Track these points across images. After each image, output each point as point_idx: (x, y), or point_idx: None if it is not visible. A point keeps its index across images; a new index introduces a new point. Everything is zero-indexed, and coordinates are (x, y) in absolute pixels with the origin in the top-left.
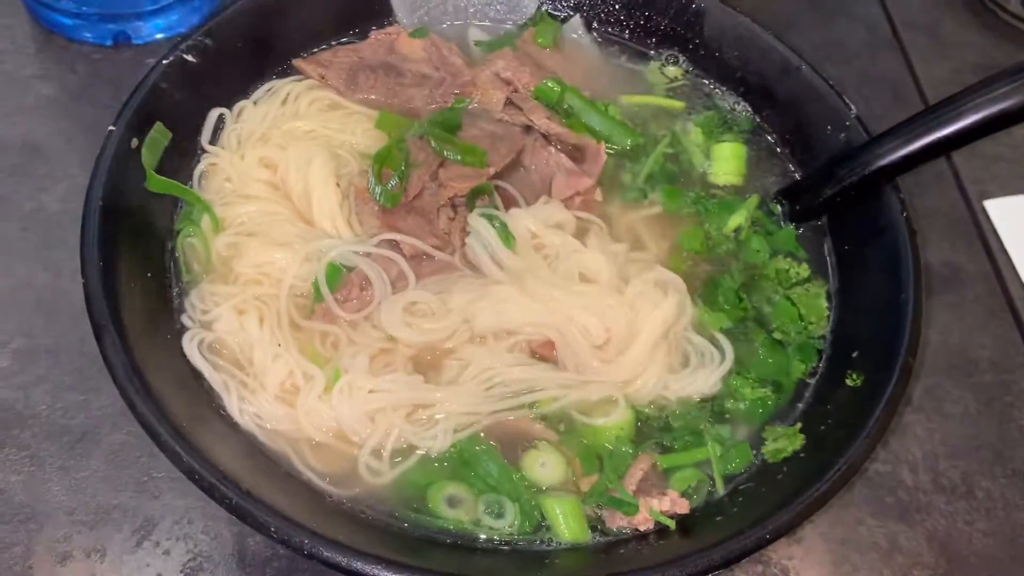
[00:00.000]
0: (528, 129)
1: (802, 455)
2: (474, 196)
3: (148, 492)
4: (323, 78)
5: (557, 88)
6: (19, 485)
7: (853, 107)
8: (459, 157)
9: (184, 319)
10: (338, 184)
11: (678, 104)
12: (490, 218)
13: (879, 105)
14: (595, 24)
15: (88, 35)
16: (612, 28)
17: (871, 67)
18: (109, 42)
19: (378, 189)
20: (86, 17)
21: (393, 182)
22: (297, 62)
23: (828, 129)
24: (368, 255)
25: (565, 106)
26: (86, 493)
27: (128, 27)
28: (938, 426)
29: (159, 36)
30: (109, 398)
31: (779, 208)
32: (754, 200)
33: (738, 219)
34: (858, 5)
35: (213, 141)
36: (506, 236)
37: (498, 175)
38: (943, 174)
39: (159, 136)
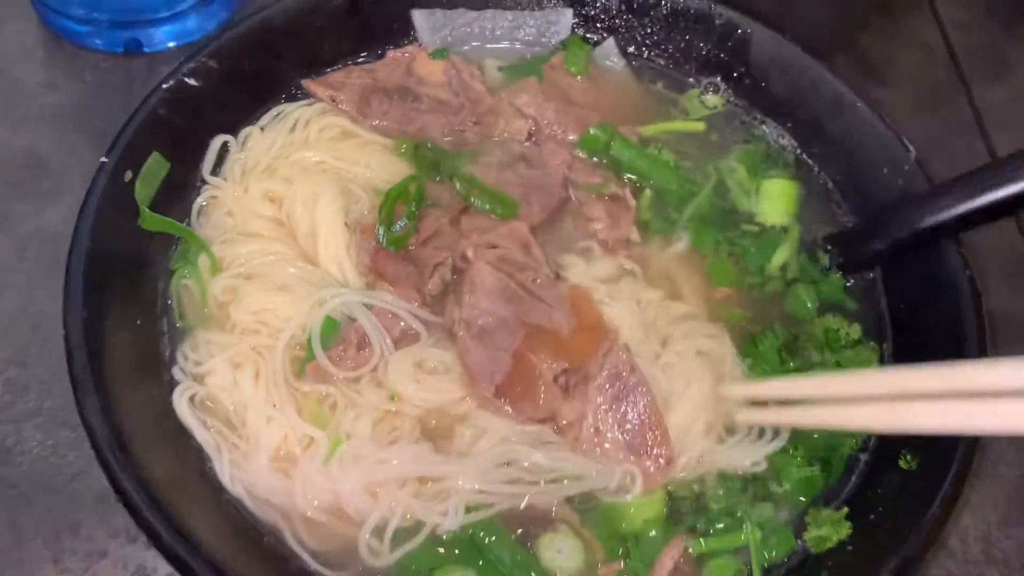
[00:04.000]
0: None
1: (849, 547)
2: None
3: (141, 540)
4: (334, 101)
5: (603, 136)
6: (5, 528)
7: (912, 149)
8: (487, 206)
9: (176, 371)
10: (347, 224)
11: (698, 125)
12: None
13: (932, 130)
14: (631, 49)
15: (99, 42)
16: (649, 53)
17: (925, 89)
18: (120, 49)
19: (381, 229)
20: (97, 24)
21: (402, 222)
22: (307, 83)
23: (884, 172)
24: (371, 307)
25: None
26: (76, 539)
27: (140, 34)
28: (991, 490)
29: (172, 44)
30: None
31: (825, 257)
32: (795, 231)
33: (783, 254)
34: (913, 23)
35: (216, 171)
36: None
37: None
38: None
39: (156, 167)
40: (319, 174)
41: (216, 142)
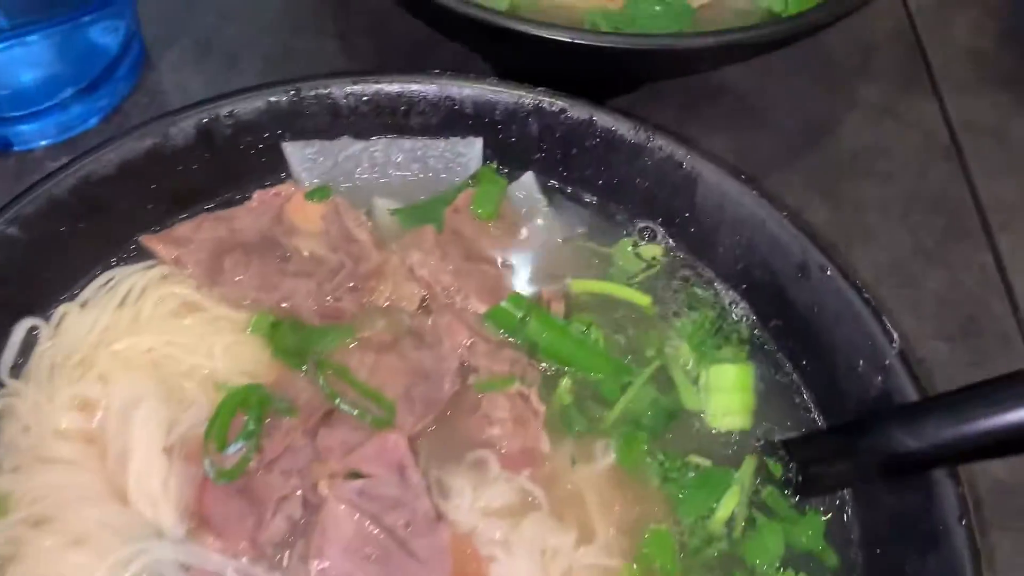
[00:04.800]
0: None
1: None
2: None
3: None
4: (178, 262)
5: (517, 311)
6: None
7: (896, 337)
8: (355, 410)
9: None
10: (166, 449)
11: (642, 298)
12: None
13: (929, 235)
14: (553, 183)
15: None
16: (575, 189)
17: (921, 182)
18: None
19: (207, 461)
20: None
21: (238, 445)
22: (146, 240)
23: (860, 365)
24: (188, 568)
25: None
26: None
27: (8, 131)
28: None
29: (44, 143)
30: None
31: (799, 478)
32: (749, 466)
33: (730, 504)
34: (911, 103)
35: (17, 369)
36: None
37: None
38: None
39: None
40: (146, 369)
41: (19, 330)
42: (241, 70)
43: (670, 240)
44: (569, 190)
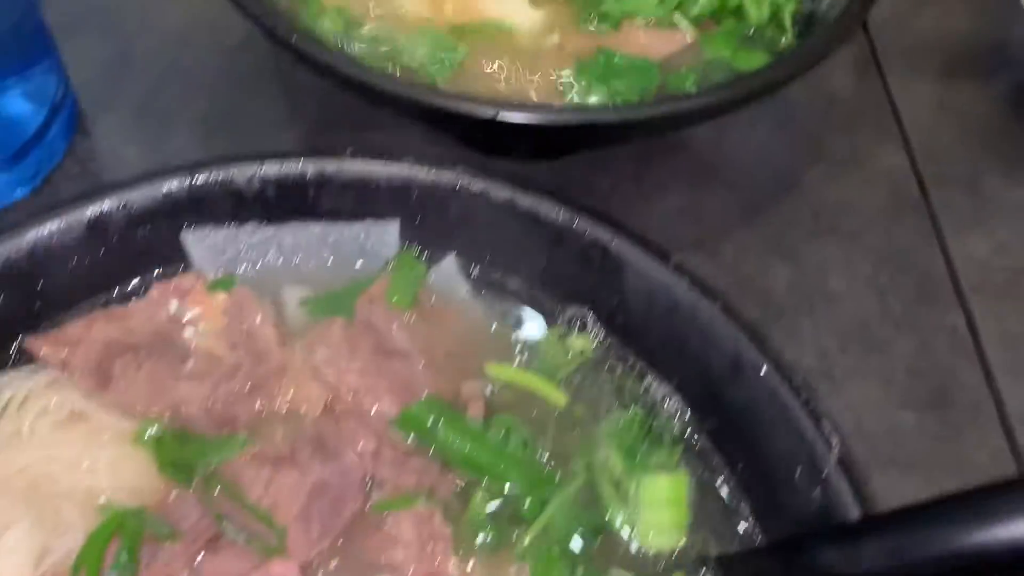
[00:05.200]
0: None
1: None
2: None
3: None
4: (65, 365)
5: (427, 414)
6: None
7: (836, 442)
8: (241, 536)
9: None
10: None
11: (557, 396)
12: None
13: (897, 300)
14: (476, 270)
15: None
16: (499, 275)
17: (889, 240)
18: None
19: None
20: None
21: None
22: (32, 342)
23: (797, 473)
24: None
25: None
26: None
27: None
28: None
29: None
30: None
31: None
32: None
33: None
34: (878, 152)
35: None
36: None
37: None
38: None
39: None
40: (20, 489)
41: None
42: (180, 134)
43: (601, 329)
44: (493, 275)
